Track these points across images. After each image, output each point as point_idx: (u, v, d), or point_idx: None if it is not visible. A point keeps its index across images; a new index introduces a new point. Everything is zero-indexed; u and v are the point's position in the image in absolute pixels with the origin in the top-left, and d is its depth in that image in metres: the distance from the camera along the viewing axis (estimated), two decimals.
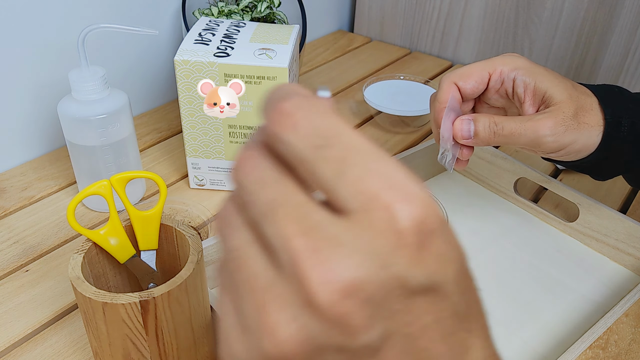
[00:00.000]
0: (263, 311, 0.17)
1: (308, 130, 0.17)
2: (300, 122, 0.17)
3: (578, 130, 0.43)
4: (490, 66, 0.46)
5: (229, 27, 0.60)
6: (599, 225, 0.56)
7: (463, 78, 0.45)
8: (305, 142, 0.17)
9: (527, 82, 0.44)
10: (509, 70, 0.45)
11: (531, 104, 0.45)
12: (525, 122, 0.43)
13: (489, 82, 0.46)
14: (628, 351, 0.44)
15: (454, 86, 0.46)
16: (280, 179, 0.18)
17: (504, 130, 0.43)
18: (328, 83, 0.91)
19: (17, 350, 0.46)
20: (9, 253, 0.56)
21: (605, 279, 0.54)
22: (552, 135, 0.43)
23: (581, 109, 0.44)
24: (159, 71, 0.81)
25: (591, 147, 0.45)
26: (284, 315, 0.17)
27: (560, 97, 0.43)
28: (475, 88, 0.46)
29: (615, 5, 0.78)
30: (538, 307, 0.50)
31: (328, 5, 1.07)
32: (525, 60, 0.46)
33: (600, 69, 0.84)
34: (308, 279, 0.16)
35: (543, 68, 0.46)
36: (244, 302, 0.18)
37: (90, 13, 0.69)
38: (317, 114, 0.18)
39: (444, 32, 0.98)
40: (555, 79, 0.44)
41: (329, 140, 0.17)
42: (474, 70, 0.46)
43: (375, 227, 0.16)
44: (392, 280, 0.16)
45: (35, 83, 0.67)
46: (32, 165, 0.69)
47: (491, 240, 0.58)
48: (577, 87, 0.45)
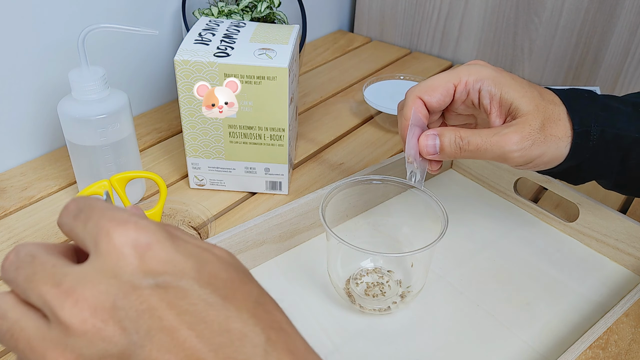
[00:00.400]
0: (43, 358, 0.21)
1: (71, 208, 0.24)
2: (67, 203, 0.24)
3: (545, 143, 0.42)
4: (455, 77, 0.44)
5: (229, 27, 0.60)
6: (599, 225, 0.56)
7: (428, 92, 0.44)
8: (68, 216, 0.24)
9: (492, 93, 0.43)
10: (474, 81, 0.43)
11: (498, 115, 0.44)
12: (492, 136, 0.42)
13: (455, 94, 0.44)
14: (628, 351, 0.44)
15: (419, 101, 0.44)
16: (32, 258, 0.23)
17: (470, 146, 0.42)
18: (328, 83, 0.91)
19: None
20: None
21: (605, 279, 0.54)
22: (518, 150, 0.42)
23: (548, 120, 0.43)
24: (159, 71, 0.81)
25: (560, 158, 0.44)
26: (59, 353, 0.21)
27: (527, 109, 0.42)
28: (441, 101, 0.44)
29: (615, 5, 0.78)
30: (538, 307, 0.50)
31: (328, 5, 1.07)
32: (490, 70, 0.44)
33: (600, 69, 0.84)
34: (62, 314, 0.21)
35: (509, 77, 0.44)
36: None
37: (90, 13, 0.69)
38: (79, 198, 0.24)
39: (444, 32, 0.98)
40: (522, 88, 0.43)
41: (82, 210, 0.24)
42: (438, 83, 0.44)
43: (104, 254, 0.22)
44: (126, 287, 0.21)
45: (35, 83, 0.67)
46: (32, 165, 0.69)
47: (491, 240, 0.58)
48: (545, 95, 0.44)
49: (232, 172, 0.63)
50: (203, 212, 0.60)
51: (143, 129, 0.77)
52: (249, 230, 0.51)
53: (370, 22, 1.08)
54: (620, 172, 0.46)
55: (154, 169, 0.69)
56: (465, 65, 0.45)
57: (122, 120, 0.56)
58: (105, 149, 0.56)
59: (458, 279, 0.53)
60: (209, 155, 0.61)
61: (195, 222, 0.59)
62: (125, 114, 0.56)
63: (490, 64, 0.45)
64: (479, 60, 0.46)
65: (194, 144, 0.60)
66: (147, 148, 0.73)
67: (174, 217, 0.59)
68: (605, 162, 0.45)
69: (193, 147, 0.61)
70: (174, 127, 0.78)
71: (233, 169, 0.62)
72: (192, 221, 0.59)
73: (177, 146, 0.73)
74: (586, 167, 0.45)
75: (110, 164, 0.57)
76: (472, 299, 0.51)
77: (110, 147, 0.56)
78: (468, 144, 0.42)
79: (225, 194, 0.64)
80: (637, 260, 0.54)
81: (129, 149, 0.58)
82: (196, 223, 0.59)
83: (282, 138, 0.59)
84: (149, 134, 0.76)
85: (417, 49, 1.04)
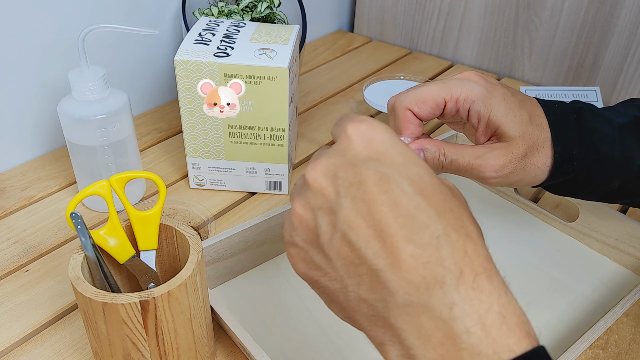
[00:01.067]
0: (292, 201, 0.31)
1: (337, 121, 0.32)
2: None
3: (524, 171, 0.43)
4: (447, 92, 0.43)
5: (229, 27, 0.60)
6: (599, 225, 0.56)
7: (418, 104, 0.43)
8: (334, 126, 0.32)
9: (481, 113, 0.42)
10: (464, 100, 0.43)
11: (483, 133, 0.44)
12: (474, 159, 0.42)
13: (445, 108, 0.44)
14: (628, 351, 0.44)
15: (409, 112, 0.43)
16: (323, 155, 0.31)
17: (452, 165, 0.43)
18: (328, 83, 0.91)
19: (17, 350, 0.46)
20: (9, 253, 0.56)
21: (605, 279, 0.54)
22: (496, 177, 0.42)
23: (532, 148, 0.42)
24: (159, 71, 0.81)
25: (538, 182, 0.44)
26: (298, 199, 0.30)
27: (513, 134, 0.42)
28: (430, 114, 0.44)
29: (615, 5, 0.78)
30: (538, 307, 0.50)
31: (328, 5, 1.07)
32: (482, 88, 0.43)
33: (600, 69, 0.84)
34: (306, 174, 0.30)
35: (501, 96, 0.43)
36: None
37: (90, 13, 0.69)
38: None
39: (444, 32, 0.98)
40: (511, 112, 0.42)
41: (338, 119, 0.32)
42: (429, 96, 0.43)
43: (342, 140, 0.30)
44: (348, 164, 0.28)
45: (35, 83, 0.67)
46: (32, 165, 0.69)
47: (491, 240, 0.57)
48: (534, 119, 0.43)
49: (232, 172, 0.63)
50: (203, 212, 0.60)
51: (143, 129, 0.77)
52: (249, 230, 0.51)
53: (370, 22, 1.08)
54: (606, 191, 0.46)
55: (154, 169, 0.69)
56: (458, 80, 0.44)
57: (122, 120, 0.56)
58: (105, 149, 0.56)
59: None
60: (209, 155, 0.61)
61: (195, 222, 0.59)
62: (125, 114, 0.56)
63: (483, 77, 0.44)
64: (473, 73, 0.44)
65: (194, 144, 0.60)
66: (147, 148, 0.73)
67: (174, 217, 0.59)
68: (585, 182, 0.45)
69: (193, 147, 0.61)
70: (174, 127, 0.78)
71: (233, 169, 0.62)
72: (192, 221, 0.59)
73: (177, 146, 0.73)
74: (565, 187, 0.46)
75: (110, 164, 0.57)
76: None
77: (110, 147, 0.56)
78: (450, 163, 0.43)
79: (225, 194, 0.64)
80: (637, 260, 0.54)
81: (129, 149, 0.58)
82: (196, 223, 0.59)
83: (282, 138, 0.59)
84: (149, 134, 0.76)
85: (417, 49, 1.04)
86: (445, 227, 0.26)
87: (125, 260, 0.42)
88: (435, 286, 0.25)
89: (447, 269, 0.25)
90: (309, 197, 0.29)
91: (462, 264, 0.26)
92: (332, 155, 0.29)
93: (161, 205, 0.41)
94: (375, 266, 0.26)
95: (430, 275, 0.25)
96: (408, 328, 0.25)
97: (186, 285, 0.37)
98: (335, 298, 0.29)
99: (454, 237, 0.26)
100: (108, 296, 0.35)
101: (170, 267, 0.44)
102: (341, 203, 0.28)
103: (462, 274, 0.25)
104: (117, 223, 0.41)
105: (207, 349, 0.43)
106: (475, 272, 0.26)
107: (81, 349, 0.47)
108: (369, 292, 0.27)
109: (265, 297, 0.51)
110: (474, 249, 0.27)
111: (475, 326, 0.24)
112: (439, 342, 0.25)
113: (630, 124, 0.44)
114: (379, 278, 0.26)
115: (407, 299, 0.25)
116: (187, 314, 0.38)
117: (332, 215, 0.28)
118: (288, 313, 0.50)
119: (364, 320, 0.28)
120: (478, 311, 0.25)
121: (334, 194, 0.28)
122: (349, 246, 0.27)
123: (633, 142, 0.44)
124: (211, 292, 0.45)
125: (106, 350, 0.38)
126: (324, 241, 0.28)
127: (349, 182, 0.28)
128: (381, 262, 0.26)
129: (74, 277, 0.37)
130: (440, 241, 0.26)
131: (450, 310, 0.25)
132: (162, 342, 0.38)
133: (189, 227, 0.41)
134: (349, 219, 0.27)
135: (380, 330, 0.27)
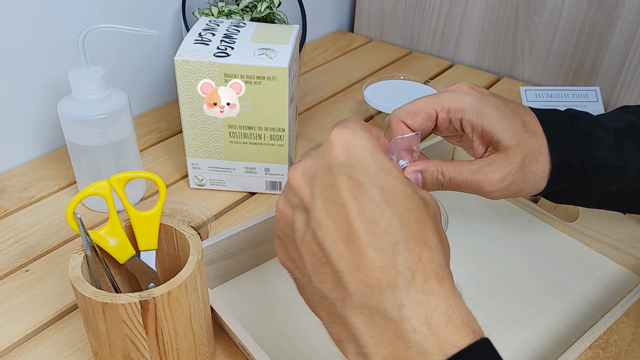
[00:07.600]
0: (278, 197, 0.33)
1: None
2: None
3: (524, 181, 0.43)
4: (437, 104, 0.43)
5: (229, 27, 0.60)
6: (599, 225, 0.56)
7: (410, 116, 0.43)
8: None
9: (474, 124, 0.43)
10: (456, 111, 0.43)
11: (480, 144, 0.44)
12: (472, 175, 0.42)
13: (437, 120, 0.44)
14: (628, 351, 0.44)
15: (402, 124, 0.44)
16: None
17: (451, 183, 0.43)
18: (328, 83, 0.91)
19: (17, 350, 0.46)
20: (9, 253, 0.56)
21: (605, 279, 0.54)
22: (497, 190, 0.42)
23: (529, 157, 0.42)
24: (159, 71, 0.81)
25: (538, 191, 0.45)
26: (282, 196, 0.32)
27: (509, 143, 0.42)
28: (423, 125, 0.44)
29: (615, 5, 0.78)
30: (538, 307, 0.50)
31: (328, 5, 1.07)
32: (473, 98, 0.43)
33: (600, 69, 0.84)
34: (289, 174, 0.31)
35: (493, 106, 0.43)
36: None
37: (90, 13, 0.69)
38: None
39: (444, 32, 0.98)
40: (504, 120, 0.42)
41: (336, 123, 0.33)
42: (419, 108, 0.43)
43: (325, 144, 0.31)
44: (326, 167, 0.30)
45: (35, 83, 0.67)
46: (32, 165, 0.69)
47: (491, 240, 0.58)
48: (528, 126, 0.43)
49: (232, 172, 0.63)
50: (203, 212, 0.60)
51: (143, 129, 0.77)
52: (249, 230, 0.51)
53: (370, 22, 1.08)
54: (603, 196, 0.46)
55: (154, 169, 0.69)
56: (449, 92, 0.44)
57: (122, 120, 0.56)
58: (105, 149, 0.56)
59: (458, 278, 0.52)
60: (209, 155, 0.61)
61: (195, 222, 0.59)
62: (125, 114, 0.56)
63: (475, 88, 0.44)
64: (464, 84, 0.45)
65: (194, 144, 0.60)
66: (147, 148, 0.73)
67: (174, 217, 0.59)
68: (584, 189, 0.45)
69: (193, 147, 0.61)
70: (174, 127, 0.78)
71: (233, 169, 0.62)
72: (192, 221, 0.59)
73: (177, 146, 0.73)
74: (564, 194, 0.46)
75: (110, 164, 0.57)
76: (472, 298, 0.51)
77: (110, 147, 0.56)
78: (449, 181, 0.43)
79: (225, 194, 0.64)
80: (637, 260, 0.54)
81: (129, 149, 0.58)
82: (196, 223, 0.59)
83: (282, 138, 0.59)
84: (149, 134, 0.76)
85: (417, 49, 1.04)
86: (405, 235, 0.28)
87: (126, 260, 0.42)
88: (387, 289, 0.27)
89: (400, 273, 0.27)
90: (289, 195, 0.31)
91: (415, 269, 0.27)
92: (314, 157, 0.31)
93: (161, 205, 0.41)
94: (338, 267, 0.28)
95: (384, 278, 0.27)
96: (362, 327, 0.27)
97: (186, 285, 0.37)
98: (304, 291, 0.32)
99: (411, 244, 0.28)
100: (108, 296, 0.35)
101: (170, 267, 0.44)
102: (315, 204, 0.29)
103: (414, 277, 0.27)
104: (117, 223, 0.41)
105: (207, 349, 0.43)
106: (426, 276, 0.27)
107: (81, 349, 0.47)
108: (330, 291, 0.29)
109: (265, 297, 0.51)
110: (429, 256, 0.28)
111: (422, 325, 0.26)
112: (389, 340, 0.26)
113: (626, 128, 0.44)
114: (340, 279, 0.28)
115: (363, 300, 0.27)
116: (187, 314, 0.38)
117: (307, 214, 0.30)
118: (288, 313, 0.50)
119: (326, 317, 0.30)
120: (425, 312, 0.26)
121: (310, 194, 0.30)
122: (317, 245, 0.29)
123: (629, 147, 0.44)
124: (211, 292, 0.45)
125: (106, 350, 0.38)
126: (298, 237, 0.30)
127: (324, 184, 0.29)
128: (343, 264, 0.28)
129: (74, 277, 0.37)
130: (397, 247, 0.27)
131: (400, 311, 0.26)
132: (162, 342, 0.38)
133: (189, 227, 0.41)
134: (320, 219, 0.29)
135: (339, 328, 0.29)
